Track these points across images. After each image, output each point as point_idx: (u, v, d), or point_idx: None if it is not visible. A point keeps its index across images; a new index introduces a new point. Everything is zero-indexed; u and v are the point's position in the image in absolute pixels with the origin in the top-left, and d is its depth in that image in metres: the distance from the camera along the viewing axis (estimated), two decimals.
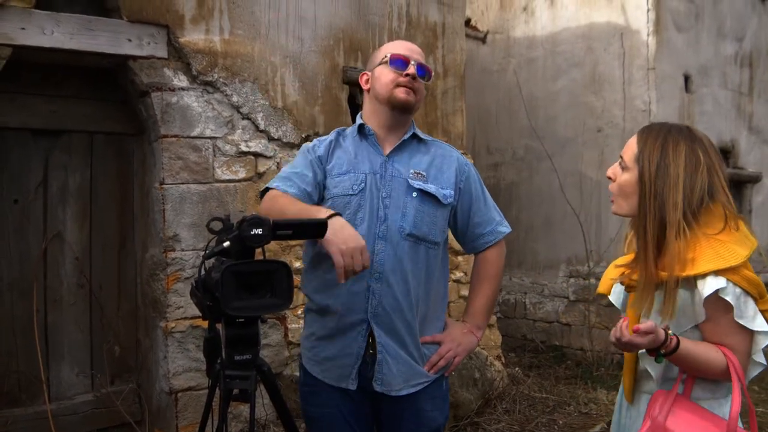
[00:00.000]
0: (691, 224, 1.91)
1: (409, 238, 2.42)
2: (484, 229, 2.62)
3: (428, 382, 2.50)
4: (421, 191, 2.46)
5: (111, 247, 4.48)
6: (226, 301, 1.86)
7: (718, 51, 8.23)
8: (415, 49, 2.54)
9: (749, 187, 8.85)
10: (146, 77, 4.09)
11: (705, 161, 1.95)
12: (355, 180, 2.45)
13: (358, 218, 2.41)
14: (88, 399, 4.35)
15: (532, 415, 5.30)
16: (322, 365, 2.47)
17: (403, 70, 2.45)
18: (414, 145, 2.58)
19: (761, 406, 6.33)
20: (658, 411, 1.91)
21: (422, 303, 2.49)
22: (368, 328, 2.40)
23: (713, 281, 1.85)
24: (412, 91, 2.47)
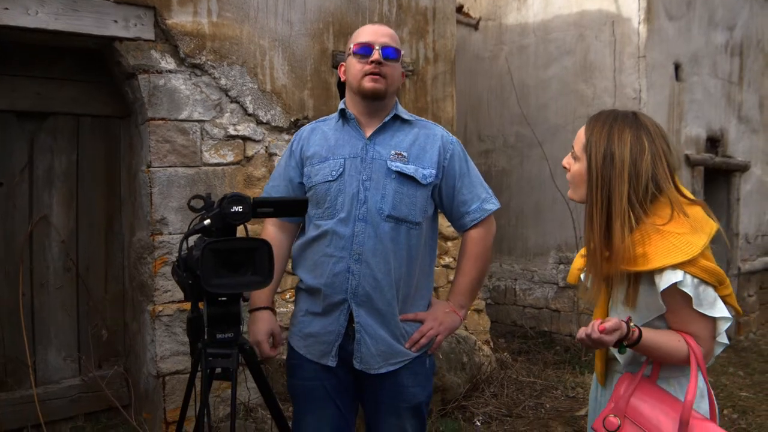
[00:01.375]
0: (638, 215, 1.91)
1: (389, 219, 2.46)
2: (470, 206, 2.60)
3: (409, 360, 2.52)
4: (398, 173, 2.48)
5: (98, 231, 4.47)
6: (206, 278, 1.86)
7: (708, 40, 8.23)
8: (381, 32, 2.52)
9: (738, 175, 8.87)
10: (133, 59, 4.06)
11: (650, 148, 1.94)
12: (333, 166, 2.49)
13: (338, 203, 2.45)
14: (74, 383, 4.35)
15: (519, 398, 5.32)
16: (306, 341, 2.53)
17: (368, 57, 2.46)
18: (396, 125, 2.58)
19: (745, 391, 6.38)
20: (623, 393, 1.96)
21: (404, 283, 2.51)
22: (349, 308, 2.45)
23: (670, 275, 1.85)
24: (381, 76, 2.47)
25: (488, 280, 8.45)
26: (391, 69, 2.50)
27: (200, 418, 2.10)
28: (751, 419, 5.52)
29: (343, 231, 2.43)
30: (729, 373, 7.12)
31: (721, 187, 8.82)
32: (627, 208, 1.90)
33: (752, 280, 9.38)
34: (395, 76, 2.54)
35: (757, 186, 9.37)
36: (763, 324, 9.65)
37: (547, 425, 4.85)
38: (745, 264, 9.07)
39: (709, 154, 8.27)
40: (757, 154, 9.32)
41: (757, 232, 9.45)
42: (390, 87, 2.52)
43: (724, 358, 7.77)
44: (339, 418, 2.53)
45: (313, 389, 2.51)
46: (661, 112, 7.40)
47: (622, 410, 1.92)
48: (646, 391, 1.95)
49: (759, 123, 9.37)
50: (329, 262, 2.44)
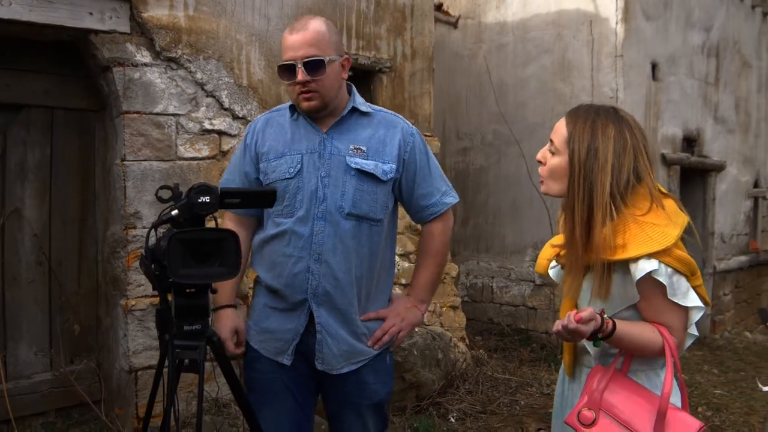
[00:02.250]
0: (619, 206, 1.92)
1: (350, 217, 2.39)
2: (429, 200, 2.56)
3: (371, 357, 2.50)
4: (358, 170, 2.41)
5: (71, 224, 4.44)
6: (173, 269, 1.85)
7: (686, 40, 8.31)
8: (300, 41, 2.32)
9: (713, 175, 8.96)
10: (108, 52, 4.04)
11: (632, 143, 1.96)
12: (291, 162, 2.41)
13: (297, 201, 2.39)
14: (46, 378, 4.31)
15: (494, 395, 5.34)
16: (262, 336, 2.48)
17: (292, 78, 2.34)
18: (354, 118, 2.49)
19: (719, 388, 6.45)
20: (596, 386, 1.95)
21: (366, 280, 2.47)
22: (309, 308, 2.40)
23: (645, 264, 1.86)
24: (313, 93, 2.35)
25: (465, 278, 8.48)
26: (322, 80, 2.34)
27: (167, 411, 2.09)
28: (725, 416, 5.58)
29: (302, 230, 2.37)
30: (704, 371, 7.19)
31: (697, 186, 8.91)
32: (609, 201, 1.91)
33: (728, 278, 9.48)
34: (330, 82, 2.38)
35: (733, 186, 9.48)
36: (738, 323, 9.76)
37: (521, 422, 4.88)
38: (721, 263, 9.17)
39: (685, 154, 8.35)
40: (732, 154, 9.42)
41: (733, 232, 9.56)
42: (327, 96, 2.39)
43: (699, 356, 7.85)
44: (297, 411, 2.49)
45: (271, 382, 2.47)
46: (637, 111, 7.45)
47: (597, 403, 1.92)
48: (619, 384, 1.95)
49: (735, 123, 9.48)
50: (288, 263, 2.39)
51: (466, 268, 8.47)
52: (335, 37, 2.42)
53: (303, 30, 2.33)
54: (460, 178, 8.55)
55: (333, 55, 2.37)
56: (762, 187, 10.23)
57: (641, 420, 1.86)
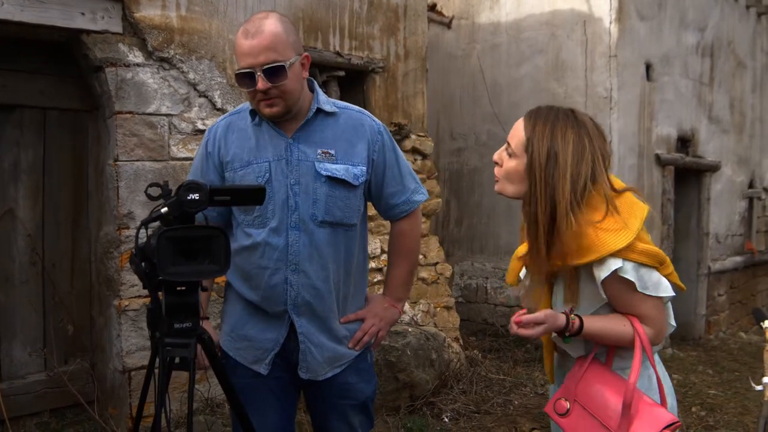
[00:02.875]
0: (576, 212, 1.89)
1: (324, 224, 2.33)
2: (399, 198, 2.50)
3: (353, 359, 2.47)
4: (329, 177, 2.31)
5: (64, 225, 4.44)
6: (162, 266, 1.85)
7: (680, 40, 8.33)
8: (258, 47, 2.18)
9: (708, 175, 8.98)
10: (100, 52, 4.04)
11: (590, 149, 1.93)
12: (258, 171, 2.31)
13: (269, 211, 2.31)
14: (40, 378, 4.31)
15: (488, 395, 5.34)
16: (238, 343, 2.43)
17: (253, 86, 2.20)
18: (320, 119, 2.37)
19: (714, 389, 6.46)
20: (573, 376, 1.97)
21: (343, 284, 2.43)
22: (289, 319, 2.36)
23: (610, 263, 1.86)
24: (275, 99, 2.23)
25: (460, 279, 8.48)
26: (284, 85, 2.21)
27: (158, 410, 2.08)
28: (719, 416, 5.59)
29: (277, 242, 2.30)
30: (698, 371, 7.21)
31: (692, 186, 8.92)
32: (569, 208, 1.88)
33: (722, 279, 9.50)
34: (292, 86, 2.25)
35: (728, 186, 9.49)
36: (732, 323, 9.78)
37: (515, 422, 4.88)
38: (716, 263, 9.19)
39: (679, 154, 8.37)
40: (727, 154, 9.44)
41: (728, 232, 9.57)
42: (291, 100, 2.27)
43: (694, 357, 7.87)
44: (280, 415, 2.47)
45: (253, 388, 2.42)
46: (631, 111, 7.47)
47: (572, 394, 1.94)
48: (596, 375, 1.95)
49: (729, 123, 9.49)
50: (264, 274, 2.32)
51: (460, 268, 8.48)
52: (293, 36, 2.29)
53: (259, 34, 2.18)
54: (454, 179, 8.56)
55: (293, 56, 2.24)
56: (757, 187, 10.25)
57: (612, 410, 1.87)
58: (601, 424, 1.88)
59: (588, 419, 1.91)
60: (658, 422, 1.83)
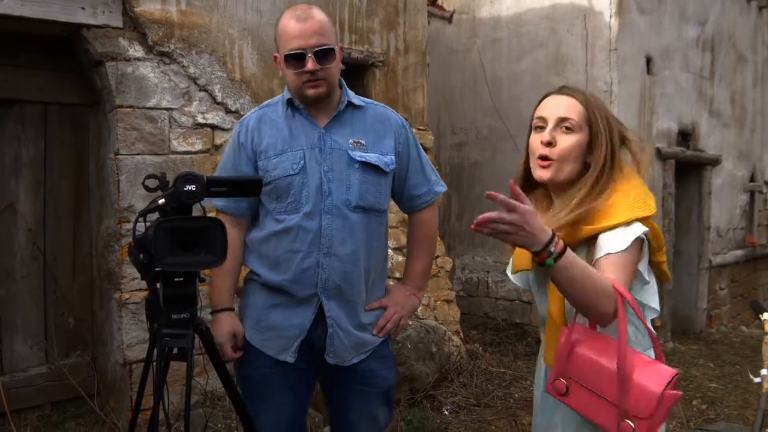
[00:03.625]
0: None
1: (357, 210, 2.42)
2: (421, 190, 2.63)
3: (376, 345, 2.53)
4: (363, 162, 2.43)
5: (66, 219, 4.45)
6: (160, 257, 1.87)
7: (680, 34, 8.32)
8: (309, 30, 2.31)
9: (709, 169, 8.97)
10: (100, 47, 4.05)
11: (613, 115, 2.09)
12: (293, 159, 2.40)
13: (303, 197, 2.38)
14: (41, 371, 4.33)
15: (488, 388, 5.36)
16: (264, 334, 2.46)
17: (302, 67, 2.32)
18: (350, 112, 2.50)
19: (714, 382, 6.47)
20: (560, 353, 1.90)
21: (372, 271, 2.51)
22: (318, 302, 2.41)
23: (638, 225, 1.89)
24: (321, 80, 2.36)
25: (461, 273, 8.50)
26: (330, 69, 2.36)
27: (156, 401, 2.10)
28: (719, 410, 5.61)
29: (310, 225, 2.38)
30: (699, 364, 7.21)
31: (693, 180, 8.92)
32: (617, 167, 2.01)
33: (723, 273, 9.50)
34: (335, 71, 2.41)
35: (729, 180, 9.49)
36: (734, 317, 9.78)
37: (515, 414, 4.90)
38: (717, 257, 9.19)
39: (680, 148, 8.37)
40: (728, 148, 9.43)
41: (729, 226, 9.57)
42: (332, 84, 2.41)
43: (695, 350, 7.88)
44: (295, 408, 2.51)
45: (269, 380, 2.46)
46: (632, 105, 7.47)
47: (565, 371, 1.88)
48: (584, 345, 1.88)
49: (730, 117, 9.48)
50: (296, 258, 2.38)
51: (461, 262, 8.49)
52: (333, 26, 2.44)
53: (309, 19, 2.32)
54: (455, 173, 8.56)
55: (336, 44, 2.39)
56: (758, 181, 10.24)
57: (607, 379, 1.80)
58: (600, 397, 1.82)
59: (586, 395, 1.85)
60: (660, 379, 1.75)
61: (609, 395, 1.80)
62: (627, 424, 1.76)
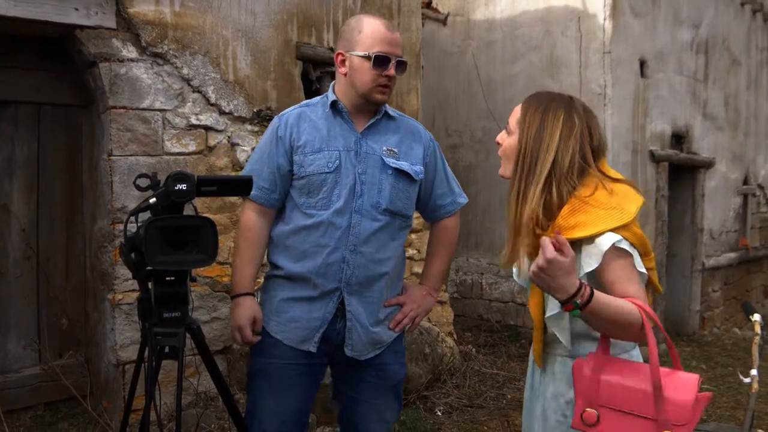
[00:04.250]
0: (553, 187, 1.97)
1: (385, 213, 2.56)
2: (446, 200, 2.79)
3: (391, 341, 2.66)
4: (396, 169, 2.57)
5: (59, 220, 4.45)
6: (150, 255, 1.88)
7: (674, 37, 8.35)
8: (395, 41, 2.53)
9: (702, 172, 9.00)
10: (94, 47, 4.05)
11: (580, 127, 2.02)
12: (329, 158, 2.52)
13: (334, 195, 2.51)
14: (35, 372, 4.33)
15: (481, 389, 5.38)
16: (286, 326, 2.56)
17: (384, 70, 2.48)
18: (384, 122, 2.65)
19: (707, 384, 6.49)
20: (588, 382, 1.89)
21: (392, 271, 2.63)
22: (340, 297, 2.53)
23: (611, 237, 1.89)
24: (390, 88, 2.55)
25: (455, 275, 8.51)
26: (396, 80, 2.56)
27: (148, 399, 2.11)
28: (711, 411, 5.64)
29: (340, 222, 2.50)
30: (692, 366, 7.24)
31: (686, 183, 8.94)
32: (545, 181, 1.97)
33: (716, 275, 9.52)
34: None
35: (722, 182, 9.52)
36: (727, 319, 9.80)
37: (507, 415, 4.91)
38: (710, 260, 9.21)
39: (674, 150, 8.39)
40: (722, 151, 9.46)
41: (722, 228, 9.59)
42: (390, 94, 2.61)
43: (688, 352, 7.90)
44: (302, 400, 2.60)
45: (285, 369, 2.55)
46: (625, 107, 7.50)
47: (595, 401, 1.88)
48: (610, 371, 1.90)
49: (724, 120, 9.51)
50: (323, 252, 2.50)
51: (456, 264, 8.50)
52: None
53: (395, 30, 2.55)
54: None
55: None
56: (751, 184, 10.27)
57: (643, 401, 1.83)
58: (639, 417, 1.83)
59: (623, 419, 1.85)
60: (689, 385, 1.82)
61: (647, 413, 1.82)
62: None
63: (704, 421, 5.35)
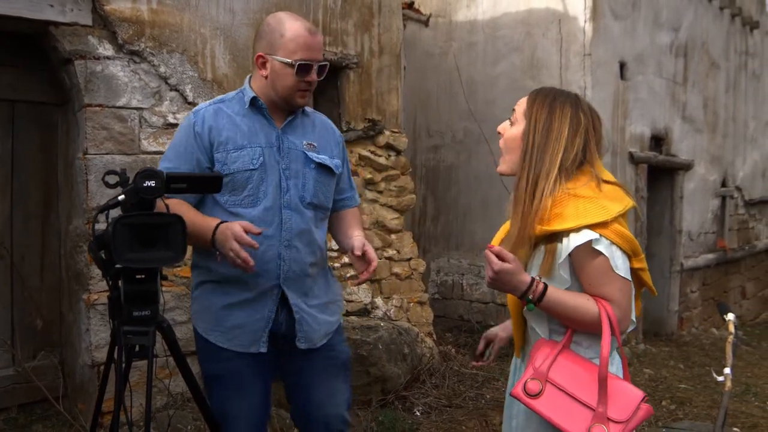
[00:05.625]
0: (561, 180, 1.99)
1: (309, 206, 2.59)
2: (345, 194, 2.84)
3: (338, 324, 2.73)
4: (318, 163, 2.61)
5: (34, 219, 4.40)
6: (119, 253, 1.86)
7: (653, 40, 8.40)
8: (317, 46, 2.53)
9: (681, 174, 9.07)
10: (69, 44, 4.01)
11: (585, 125, 2.04)
12: (253, 155, 2.50)
13: (261, 191, 2.51)
14: (8, 374, 4.27)
15: (460, 389, 5.37)
16: (229, 334, 2.53)
17: (306, 76, 2.49)
18: (301, 117, 2.67)
19: (684, 383, 6.53)
20: (543, 360, 1.97)
21: (319, 262, 2.66)
22: (279, 292, 2.52)
23: (586, 232, 1.91)
24: (309, 92, 2.58)
25: (436, 275, 8.51)
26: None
27: (117, 398, 2.08)
28: (688, 410, 5.66)
29: (272, 218, 2.50)
30: (669, 366, 7.28)
31: (665, 184, 9.01)
32: (555, 174, 1.98)
33: (695, 276, 9.59)
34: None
35: (701, 184, 9.59)
36: (705, 319, 9.88)
37: (485, 415, 4.91)
38: (688, 260, 9.28)
39: (653, 152, 8.45)
40: (700, 153, 9.54)
41: (700, 230, 9.67)
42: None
43: (666, 352, 7.95)
44: (264, 395, 2.61)
45: (239, 373, 2.53)
46: (605, 109, 7.53)
47: (543, 375, 1.94)
48: (566, 358, 1.98)
49: (703, 123, 9.59)
50: (257, 251, 2.40)
51: (436, 265, 8.51)
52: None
53: (317, 34, 2.55)
54: (431, 176, 8.59)
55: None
56: (729, 186, 10.37)
57: (587, 390, 1.90)
58: (578, 402, 1.90)
59: (563, 399, 1.92)
60: (633, 397, 1.89)
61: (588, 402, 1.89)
62: (600, 428, 1.83)
63: (680, 419, 5.38)
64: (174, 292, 4.33)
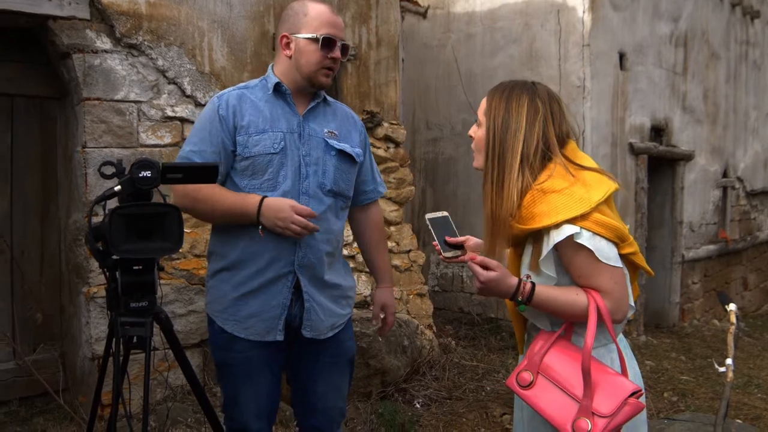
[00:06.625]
0: (525, 173, 1.99)
1: (330, 193, 2.60)
2: (368, 186, 2.86)
3: (347, 319, 2.73)
4: (339, 150, 2.62)
5: (33, 213, 4.41)
6: (115, 243, 1.86)
7: (653, 30, 8.37)
8: (340, 26, 2.58)
9: (682, 164, 9.05)
10: (67, 38, 4.01)
11: (543, 112, 2.04)
12: (274, 139, 2.51)
13: (281, 176, 2.51)
14: (8, 367, 4.29)
15: (460, 382, 5.37)
16: (245, 323, 2.54)
17: (330, 52, 2.52)
18: (323, 106, 2.69)
19: (686, 375, 6.53)
20: (537, 350, 1.98)
21: (336, 251, 2.68)
22: (293, 279, 2.53)
23: (566, 228, 1.90)
24: (333, 71, 2.58)
25: (436, 268, 8.51)
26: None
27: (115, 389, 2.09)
28: (690, 401, 5.66)
29: None
30: (671, 357, 7.28)
31: (666, 175, 8.99)
32: (519, 166, 1.98)
33: (696, 267, 9.58)
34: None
35: (702, 175, 9.57)
36: (706, 311, 9.87)
37: (486, 407, 4.91)
38: (690, 252, 9.27)
39: (653, 143, 8.43)
40: (701, 143, 9.51)
41: (701, 221, 9.65)
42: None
43: (668, 344, 7.95)
44: (273, 385, 2.61)
45: (250, 360, 2.55)
46: (605, 100, 7.51)
47: (536, 366, 1.96)
48: (561, 349, 1.98)
49: (703, 113, 9.56)
50: (273, 234, 2.46)
51: (436, 257, 8.50)
52: None
53: (338, 17, 2.60)
54: (430, 168, 8.58)
55: None
56: (731, 177, 10.34)
57: (577, 383, 1.90)
58: (566, 394, 1.91)
59: (552, 390, 1.93)
60: (621, 391, 1.86)
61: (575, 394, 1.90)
62: (584, 421, 1.83)
63: (681, 411, 5.38)
64: (174, 284, 4.34)
